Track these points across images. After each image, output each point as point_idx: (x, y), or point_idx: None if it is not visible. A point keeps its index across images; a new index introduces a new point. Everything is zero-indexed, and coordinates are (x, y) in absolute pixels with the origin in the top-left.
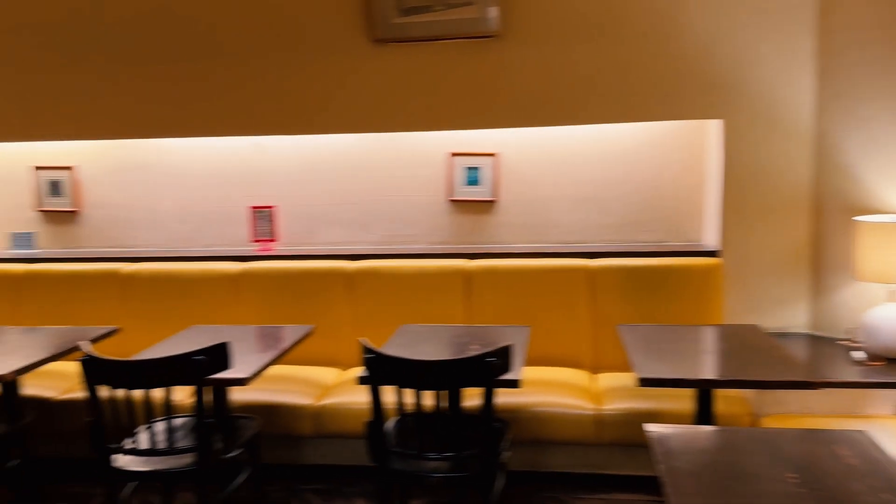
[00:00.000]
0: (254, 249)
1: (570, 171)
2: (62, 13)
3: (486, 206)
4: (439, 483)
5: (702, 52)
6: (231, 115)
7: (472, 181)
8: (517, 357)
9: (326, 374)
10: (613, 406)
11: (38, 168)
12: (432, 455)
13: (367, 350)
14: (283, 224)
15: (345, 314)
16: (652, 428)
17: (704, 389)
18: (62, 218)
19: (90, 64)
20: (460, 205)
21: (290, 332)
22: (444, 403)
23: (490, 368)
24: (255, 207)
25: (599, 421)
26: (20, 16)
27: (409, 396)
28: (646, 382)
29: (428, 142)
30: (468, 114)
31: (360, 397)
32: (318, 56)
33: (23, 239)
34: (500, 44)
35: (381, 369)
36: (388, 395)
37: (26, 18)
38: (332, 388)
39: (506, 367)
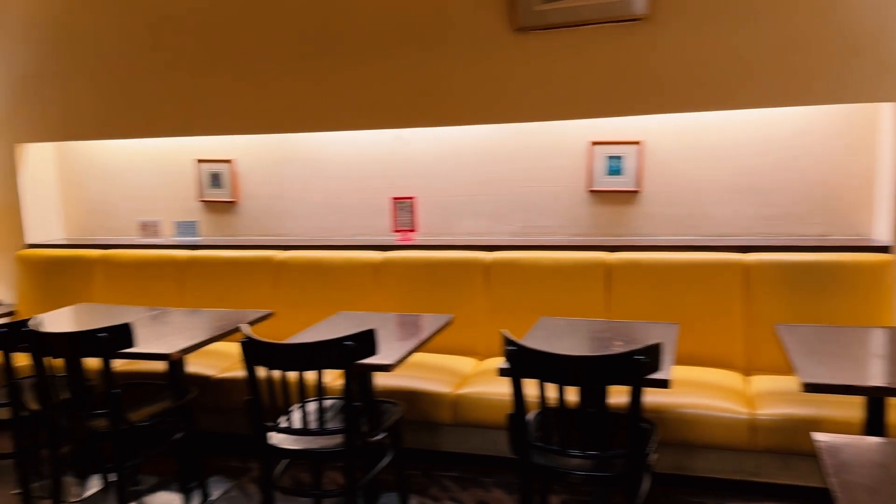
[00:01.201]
0: (395, 239)
1: (723, 159)
2: (220, 17)
3: (628, 196)
4: (581, 481)
5: (873, 29)
6: (375, 108)
7: (614, 171)
8: (667, 356)
9: (464, 364)
10: (769, 411)
11: (200, 161)
12: (575, 452)
13: (509, 342)
14: (422, 214)
15: (481, 305)
16: (821, 437)
17: (877, 398)
18: (221, 208)
19: (246, 63)
20: (601, 195)
21: (429, 321)
22: (583, 399)
23: (639, 367)
24: (396, 198)
25: (753, 426)
26: (183, 21)
27: (551, 391)
28: (811, 388)
29: (568, 131)
30: (612, 101)
31: (498, 388)
32: (459, 47)
33: (187, 227)
34: (648, 27)
35: (523, 362)
36: (529, 387)
37: (188, 24)
38: (470, 377)
39: (655, 366)
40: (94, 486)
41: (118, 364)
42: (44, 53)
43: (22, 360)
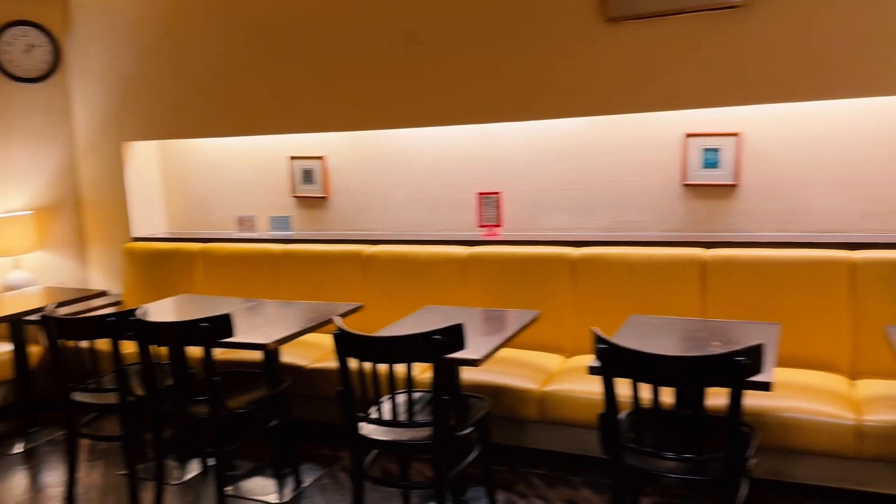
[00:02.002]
0: (480, 234)
1: (828, 150)
2: (312, 17)
3: (725, 190)
4: (676, 484)
5: None
6: (463, 103)
7: (711, 163)
8: (768, 357)
9: (550, 360)
10: (878, 417)
11: (293, 158)
12: (669, 454)
13: (600, 340)
14: (508, 210)
15: (568, 301)
16: None
17: None
18: (313, 203)
19: (337, 62)
20: (696, 189)
21: (515, 317)
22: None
23: (740, 368)
24: (481, 193)
25: (860, 432)
26: (277, 23)
27: (644, 391)
28: None
29: (661, 122)
30: (708, 91)
31: (586, 386)
32: (549, 39)
33: (280, 222)
34: (746, 14)
35: (615, 361)
36: (620, 387)
37: (283, 25)
38: (557, 374)
39: (756, 368)
40: (193, 469)
41: (217, 353)
42: (148, 55)
43: (129, 347)
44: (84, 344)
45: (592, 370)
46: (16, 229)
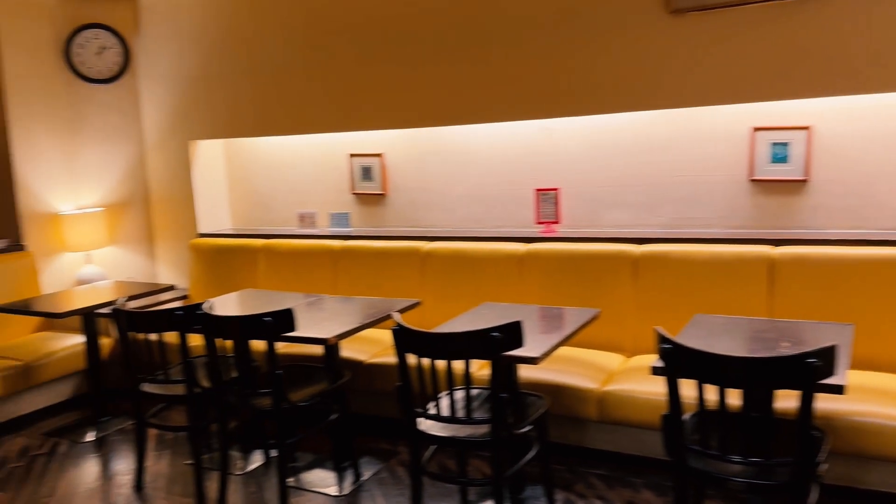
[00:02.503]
0: (538, 231)
1: None
2: (369, 17)
3: (795, 185)
4: (741, 489)
5: None
6: (522, 99)
7: (779, 158)
8: (841, 359)
9: (610, 360)
10: None
11: (352, 156)
12: (736, 458)
13: (664, 340)
14: (566, 206)
15: (629, 299)
16: None
17: None
18: (372, 200)
19: (395, 60)
20: (764, 185)
21: (574, 315)
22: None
23: (812, 371)
24: (539, 190)
25: None
26: (336, 23)
27: (709, 392)
28: None
29: (726, 116)
30: (777, 83)
31: (648, 386)
32: (610, 32)
33: (340, 218)
34: (815, 2)
35: (679, 361)
36: (684, 387)
37: (341, 25)
38: (617, 374)
39: (829, 371)
40: (256, 460)
41: (279, 347)
42: (213, 56)
43: (196, 340)
44: (153, 336)
45: (656, 370)
46: (88, 225)
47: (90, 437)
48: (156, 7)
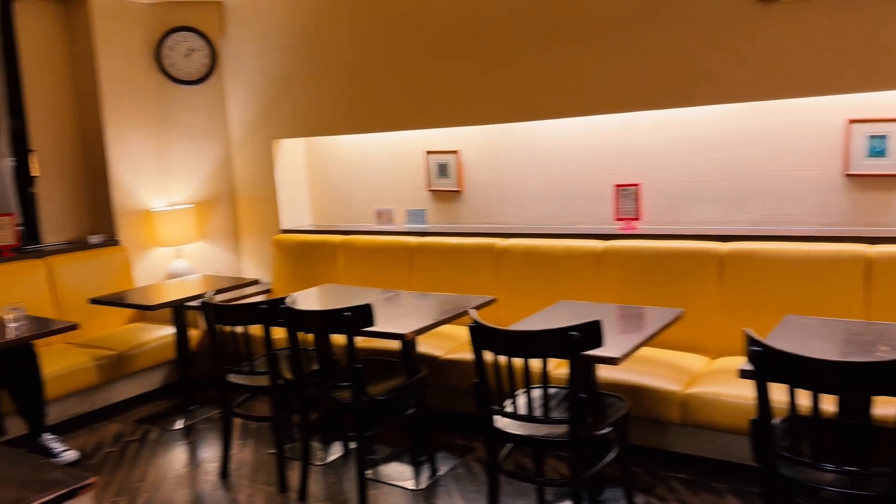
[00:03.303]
0: (617, 228)
1: None
2: (446, 15)
3: (894, 181)
4: (835, 498)
5: None
6: (602, 93)
7: (878, 152)
8: None
9: (693, 361)
10: None
11: (429, 153)
12: (829, 466)
13: (753, 342)
14: (647, 202)
15: (713, 299)
16: None
17: None
18: (447, 196)
19: (471, 56)
20: (860, 180)
21: (654, 314)
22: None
23: None
24: (619, 185)
25: None
26: (413, 21)
27: (801, 397)
28: None
29: (818, 108)
30: (875, 73)
31: (734, 390)
32: (695, 22)
33: (416, 215)
34: None
35: (769, 365)
36: (773, 392)
37: (418, 24)
38: (701, 376)
39: None
40: (335, 451)
41: (357, 341)
42: (294, 57)
43: (279, 333)
44: (239, 329)
45: (744, 374)
46: (178, 221)
47: (179, 424)
48: (240, 9)
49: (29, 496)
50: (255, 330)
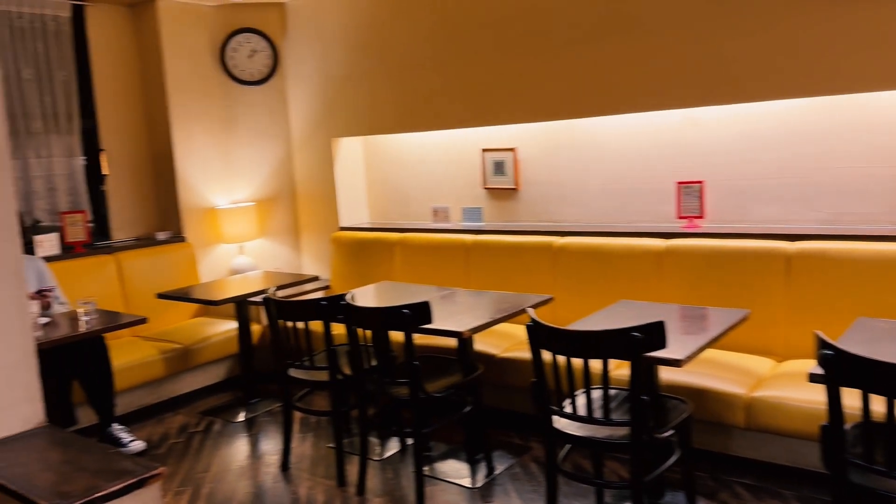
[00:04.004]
0: (679, 226)
1: None
2: (502, 13)
3: None
4: None
5: None
6: (663, 88)
7: None
8: None
9: (759, 364)
10: None
11: (484, 150)
12: None
13: (824, 345)
14: (711, 200)
15: (780, 300)
16: None
17: None
18: (504, 194)
19: (528, 53)
20: None
21: (718, 315)
22: None
23: None
24: (681, 183)
25: None
26: (469, 19)
27: (875, 403)
28: None
29: (892, 103)
30: None
31: (802, 394)
32: (761, 13)
33: (473, 213)
34: None
35: (841, 369)
36: (845, 397)
37: (474, 22)
38: (767, 379)
39: None
40: (392, 447)
41: (414, 338)
42: (353, 57)
43: (338, 329)
44: (299, 324)
45: (813, 378)
46: (241, 219)
47: (241, 417)
48: (301, 10)
49: (101, 484)
50: (315, 325)
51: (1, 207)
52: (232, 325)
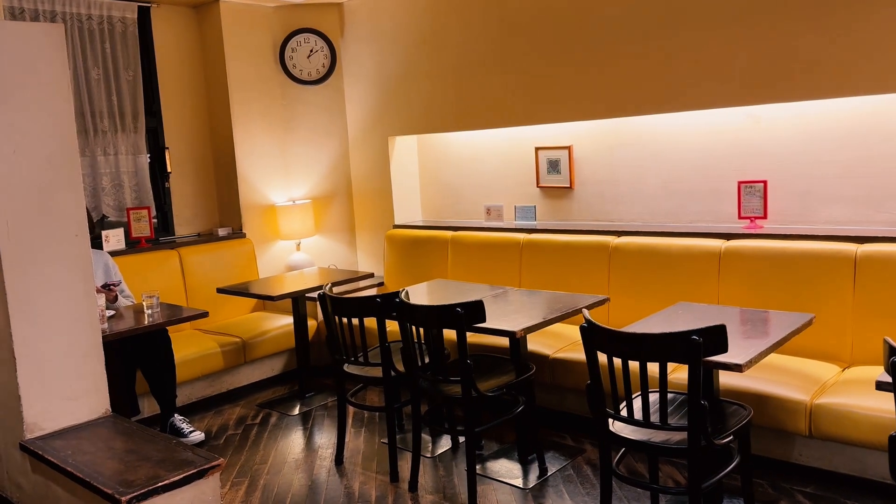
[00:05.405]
0: (741, 227)
1: None
2: (559, 11)
3: None
4: None
5: None
6: (724, 85)
7: None
8: None
9: (822, 370)
10: None
11: (538, 149)
12: None
13: (893, 351)
14: (774, 200)
15: (846, 304)
16: None
17: None
18: (558, 193)
19: (583, 50)
20: None
21: (782, 319)
22: None
23: None
24: (743, 182)
25: None
26: (524, 17)
27: None
28: None
29: None
30: None
31: (868, 402)
32: (827, 9)
33: (526, 211)
34: None
35: None
36: None
37: (530, 19)
38: (831, 386)
39: None
40: (443, 445)
41: (468, 337)
42: (409, 56)
43: (391, 326)
44: (354, 321)
45: (881, 385)
46: (298, 216)
47: (297, 410)
48: (358, 10)
49: (163, 474)
50: (369, 322)
51: (71, 204)
52: (289, 321)
